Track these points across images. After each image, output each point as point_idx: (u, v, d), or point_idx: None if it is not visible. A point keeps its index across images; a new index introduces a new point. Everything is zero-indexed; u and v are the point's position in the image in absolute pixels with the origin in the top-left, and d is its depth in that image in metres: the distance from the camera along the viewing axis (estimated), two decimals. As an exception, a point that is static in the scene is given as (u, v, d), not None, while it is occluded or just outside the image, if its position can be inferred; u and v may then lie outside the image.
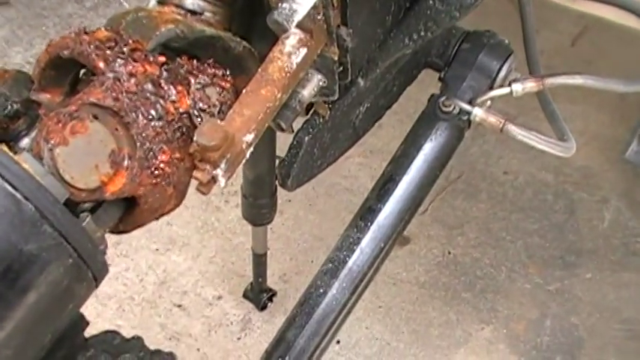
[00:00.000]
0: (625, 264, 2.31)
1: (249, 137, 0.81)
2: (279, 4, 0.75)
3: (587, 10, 1.48)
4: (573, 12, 1.48)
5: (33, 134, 0.79)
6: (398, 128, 1.81)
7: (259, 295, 2.11)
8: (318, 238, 2.27)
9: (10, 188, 0.69)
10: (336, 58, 0.92)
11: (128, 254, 2.21)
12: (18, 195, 0.69)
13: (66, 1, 2.81)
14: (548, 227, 2.38)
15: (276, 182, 1.59)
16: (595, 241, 2.36)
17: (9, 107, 0.77)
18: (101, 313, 2.09)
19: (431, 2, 1.03)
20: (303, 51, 0.85)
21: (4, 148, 0.72)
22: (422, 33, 1.04)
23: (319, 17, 0.85)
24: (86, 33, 0.81)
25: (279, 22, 0.74)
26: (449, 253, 2.31)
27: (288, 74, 0.84)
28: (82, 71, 0.86)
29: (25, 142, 0.78)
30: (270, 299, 2.13)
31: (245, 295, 2.14)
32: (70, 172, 0.74)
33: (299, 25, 0.83)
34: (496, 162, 2.47)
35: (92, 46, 0.79)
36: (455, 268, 2.27)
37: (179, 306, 2.17)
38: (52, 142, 0.74)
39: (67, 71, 0.84)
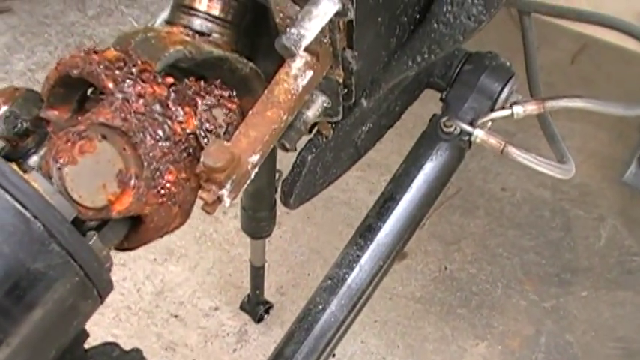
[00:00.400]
0: (620, 282, 2.32)
1: (255, 158, 0.82)
2: (287, 29, 0.76)
3: (587, 32, 1.50)
4: (573, 30, 1.50)
5: (42, 152, 0.80)
6: (396, 142, 1.82)
7: (256, 307, 2.12)
8: (315, 251, 2.28)
9: (19, 207, 0.70)
10: (341, 81, 0.93)
11: (126, 263, 2.21)
12: (27, 214, 0.70)
13: (68, 10, 2.82)
14: (544, 244, 2.39)
15: (275, 196, 1.61)
16: (591, 259, 2.37)
17: (19, 125, 0.78)
18: (98, 321, 2.09)
19: (435, 26, 1.04)
20: (309, 73, 0.86)
21: (15, 167, 0.72)
22: (425, 55, 1.05)
23: (326, 40, 0.86)
24: (96, 52, 0.82)
25: (287, 47, 0.75)
26: (445, 268, 2.32)
27: (293, 96, 0.85)
28: (90, 89, 0.87)
29: (33, 159, 0.79)
30: (267, 311, 2.14)
31: (242, 307, 2.14)
32: (78, 191, 0.75)
33: (306, 49, 0.84)
34: (494, 178, 2.48)
35: (102, 66, 0.79)
36: (451, 284, 2.28)
37: (176, 316, 2.18)
38: (61, 161, 0.75)
39: (75, 89, 0.84)
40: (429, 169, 1.23)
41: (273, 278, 2.20)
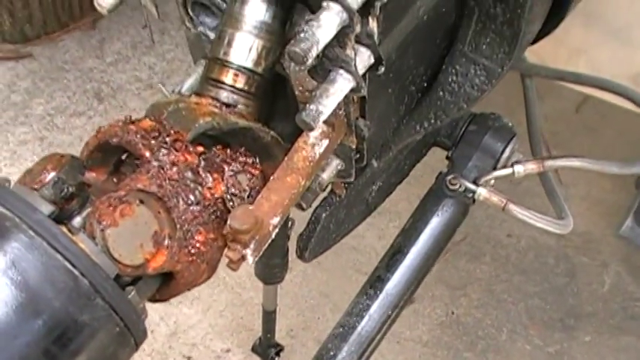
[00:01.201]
0: (624, 328, 2.38)
1: (276, 220, 0.90)
2: (307, 105, 0.84)
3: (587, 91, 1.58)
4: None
5: (84, 213, 0.88)
6: (405, 190, 1.89)
7: (267, 349, 2.17)
8: (325, 295, 2.34)
9: (69, 266, 0.78)
10: (353, 147, 1.02)
11: (142, 306, 2.28)
12: (76, 272, 0.79)
13: (87, 56, 2.90)
14: (549, 290, 2.45)
15: (288, 243, 1.68)
16: (594, 305, 2.43)
17: (65, 190, 0.87)
18: (115, 363, 2.15)
19: (441, 94, 1.13)
20: (325, 142, 0.94)
21: (65, 230, 0.81)
22: (432, 121, 1.14)
23: (340, 112, 0.95)
24: (132, 122, 0.90)
25: (307, 122, 0.83)
26: (452, 313, 2.38)
27: (311, 163, 0.93)
28: (125, 154, 0.95)
29: (77, 220, 0.88)
30: (278, 354, 2.19)
31: (253, 349, 2.19)
32: (119, 251, 0.84)
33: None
34: (499, 225, 2.55)
35: (139, 136, 0.88)
36: (457, 328, 2.34)
37: (188, 358, 2.24)
38: (104, 223, 0.83)
39: (112, 154, 0.93)
40: (435, 223, 1.31)
41: (283, 321, 2.26)
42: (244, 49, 0.95)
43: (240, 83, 0.96)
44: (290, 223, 1.58)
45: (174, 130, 0.90)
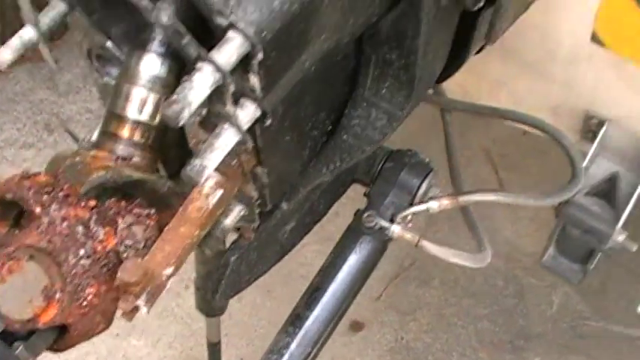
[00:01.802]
0: (572, 347, 2.41)
1: (169, 270, 0.92)
2: (191, 160, 0.87)
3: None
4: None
5: (-22, 267, 0.90)
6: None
7: (216, 380, 2.19)
8: (275, 324, 2.30)
9: (-49, 323, 0.80)
10: (253, 194, 1.04)
11: (90, 339, 2.29)
12: None
13: (38, 87, 2.89)
14: (498, 312, 2.48)
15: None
16: (544, 325, 2.46)
17: (-42, 244, 0.89)
18: (63, 397, 2.16)
19: (345, 137, 1.15)
20: (220, 192, 0.96)
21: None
22: (338, 164, 1.16)
23: (234, 163, 0.97)
24: (28, 177, 0.92)
25: (192, 176, 0.85)
26: (401, 338, 2.40)
27: (205, 213, 0.95)
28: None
29: (-30, 273, 0.89)
30: (227, 384, 2.21)
31: (203, 381, 2.21)
32: (6, 306, 0.85)
33: (216, 168, 0.95)
34: (447, 249, 2.57)
35: (32, 192, 0.90)
36: (407, 354, 2.36)
37: (139, 390, 2.25)
38: (-9, 280, 0.85)
39: (12, 208, 0.95)
40: (353, 260, 1.33)
41: (233, 351, 2.28)
42: (140, 103, 0.97)
43: (137, 136, 0.98)
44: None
45: (68, 184, 0.92)
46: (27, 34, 1.00)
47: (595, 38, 1.36)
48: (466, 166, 2.48)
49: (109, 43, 1.04)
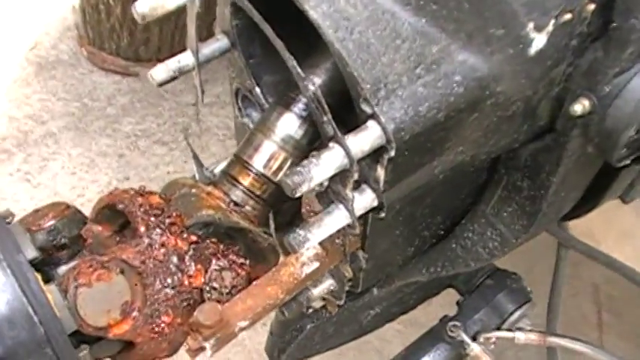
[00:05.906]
0: None
1: (244, 324, 0.93)
2: (297, 229, 0.88)
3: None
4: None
5: (70, 264, 0.94)
6: (447, 309, 1.87)
7: None
8: (337, 386, 2.33)
9: (31, 311, 0.84)
10: (347, 275, 1.04)
11: None
12: (35, 318, 0.84)
13: (188, 91, 2.97)
14: None
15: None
16: None
17: (58, 239, 0.93)
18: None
19: (453, 246, 1.14)
20: (316, 264, 0.97)
21: (38, 277, 0.86)
22: (439, 269, 1.15)
23: (338, 241, 0.98)
24: (142, 195, 0.96)
25: (292, 245, 0.87)
26: None
27: (295, 280, 0.96)
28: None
29: (62, 269, 0.93)
30: None
31: None
32: (85, 310, 0.89)
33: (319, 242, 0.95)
34: None
35: (141, 210, 0.93)
36: None
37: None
38: (79, 281, 0.88)
39: (120, 216, 0.98)
40: (424, 363, 1.31)
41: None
42: (267, 157, 1.00)
43: (255, 187, 1.01)
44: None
45: (177, 213, 0.95)
46: (185, 59, 1.05)
47: None
48: (570, 296, 2.41)
49: (257, 89, 1.08)
